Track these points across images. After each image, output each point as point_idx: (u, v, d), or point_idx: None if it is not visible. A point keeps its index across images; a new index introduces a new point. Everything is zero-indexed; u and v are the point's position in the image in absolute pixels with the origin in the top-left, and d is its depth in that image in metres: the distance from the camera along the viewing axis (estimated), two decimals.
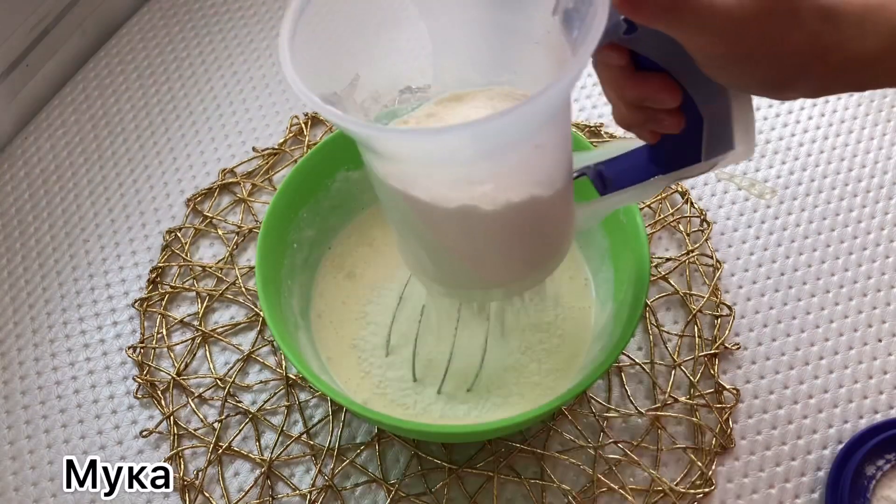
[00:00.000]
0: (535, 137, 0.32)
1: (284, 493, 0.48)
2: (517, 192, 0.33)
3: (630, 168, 0.39)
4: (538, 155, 0.33)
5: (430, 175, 0.33)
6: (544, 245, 0.38)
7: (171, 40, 0.68)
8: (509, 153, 0.32)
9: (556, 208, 0.36)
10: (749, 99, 0.34)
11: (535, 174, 0.34)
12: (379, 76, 0.37)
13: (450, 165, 0.33)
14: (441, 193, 0.33)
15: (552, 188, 0.35)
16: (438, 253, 0.37)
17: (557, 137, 0.34)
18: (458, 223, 0.34)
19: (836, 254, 0.56)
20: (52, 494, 0.48)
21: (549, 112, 0.31)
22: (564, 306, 0.50)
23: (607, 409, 0.50)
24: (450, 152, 0.31)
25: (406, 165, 0.33)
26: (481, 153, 0.31)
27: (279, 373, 0.51)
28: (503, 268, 0.38)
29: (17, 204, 0.60)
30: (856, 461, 0.46)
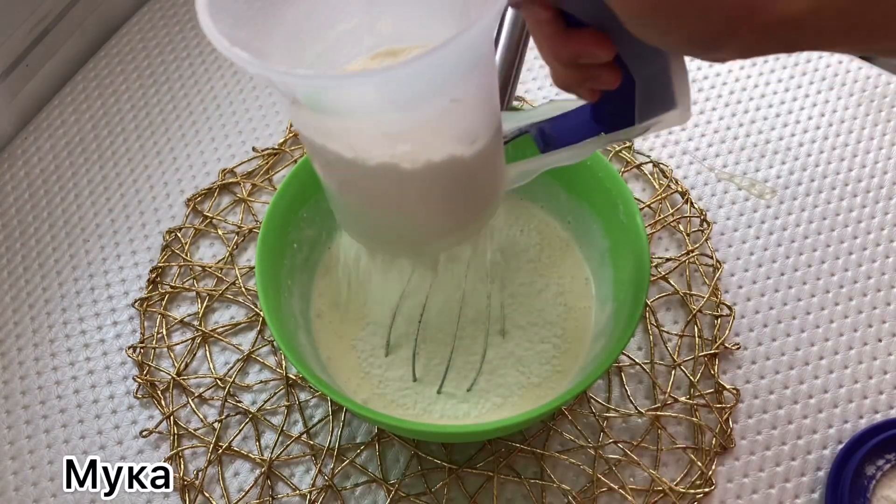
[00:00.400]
0: (452, 91, 0.31)
1: (284, 493, 0.48)
2: (437, 151, 0.33)
3: (573, 127, 0.39)
4: (457, 110, 0.32)
5: (347, 129, 0.33)
6: (469, 202, 0.37)
7: (171, 40, 0.68)
8: (424, 106, 0.31)
9: (479, 167, 0.35)
10: (682, 60, 0.34)
11: (455, 130, 0.33)
12: (309, 24, 0.36)
13: (362, 117, 0.32)
14: (362, 149, 0.33)
15: (474, 146, 0.34)
16: (364, 210, 0.37)
17: (478, 92, 0.33)
18: (379, 180, 0.34)
19: (836, 254, 0.56)
20: (52, 494, 0.48)
21: (464, 64, 0.30)
22: (565, 306, 0.50)
23: (607, 409, 0.50)
24: (359, 102, 0.30)
25: (324, 117, 0.33)
26: (393, 105, 0.31)
27: (279, 373, 0.51)
28: (429, 225, 0.38)
29: (17, 204, 0.60)
30: (856, 461, 0.46)
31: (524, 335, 0.49)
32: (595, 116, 0.38)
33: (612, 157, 0.60)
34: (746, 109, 0.63)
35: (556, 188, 0.52)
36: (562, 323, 0.49)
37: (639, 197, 0.58)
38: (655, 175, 0.59)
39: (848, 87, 0.64)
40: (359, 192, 0.36)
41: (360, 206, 0.37)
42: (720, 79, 0.65)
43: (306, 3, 0.35)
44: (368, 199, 0.36)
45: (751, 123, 0.62)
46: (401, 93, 0.30)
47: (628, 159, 0.60)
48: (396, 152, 0.33)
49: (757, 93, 0.64)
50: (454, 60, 0.28)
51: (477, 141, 0.34)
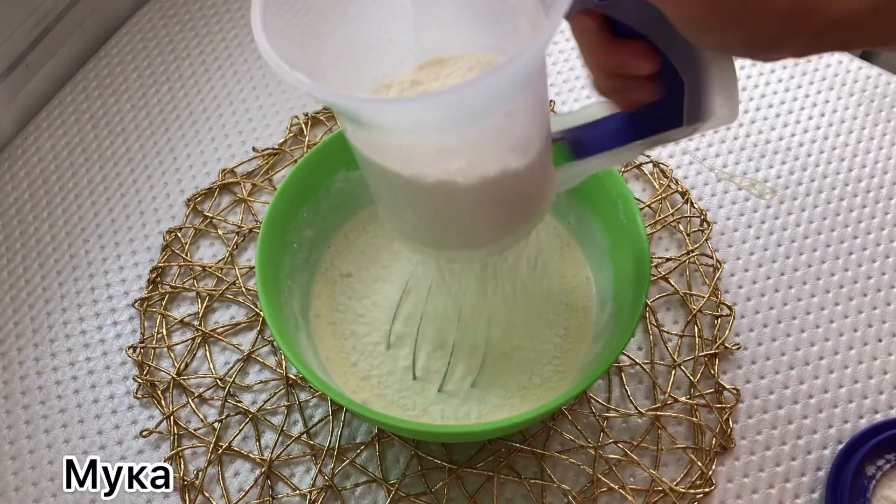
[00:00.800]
0: (506, 105, 0.32)
1: (284, 493, 0.48)
2: (491, 165, 0.34)
3: (608, 133, 0.39)
4: (510, 122, 0.33)
5: (403, 147, 0.34)
6: (522, 209, 0.38)
7: (171, 40, 0.68)
8: (480, 122, 0.32)
9: (531, 176, 0.36)
10: (731, 62, 0.34)
11: (509, 142, 0.34)
12: (357, 36, 0.37)
13: (420, 134, 0.33)
14: (419, 167, 0.33)
15: (526, 156, 0.35)
16: (419, 219, 0.38)
17: (530, 104, 0.34)
18: (435, 196, 0.35)
19: (836, 254, 0.56)
20: (52, 494, 0.48)
21: (519, 80, 0.30)
22: (567, 305, 0.50)
23: (607, 409, 0.50)
24: (417, 121, 0.31)
25: (381, 135, 0.33)
26: (451, 122, 0.31)
27: (279, 373, 0.51)
28: (483, 231, 0.38)
29: (17, 204, 0.60)
30: (856, 461, 0.46)
31: (525, 335, 0.49)
32: (631, 123, 0.38)
33: None
34: (746, 109, 0.63)
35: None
36: (563, 323, 0.49)
37: (639, 197, 0.58)
38: (655, 175, 0.59)
39: (848, 87, 0.64)
40: (414, 204, 0.37)
41: (414, 215, 0.38)
42: None
43: (353, 16, 0.36)
44: (423, 211, 0.37)
45: (751, 123, 0.62)
46: (458, 112, 0.30)
47: None
48: (451, 168, 0.33)
49: (757, 93, 0.64)
50: (510, 79, 0.29)
51: (529, 150, 0.35)
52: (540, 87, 0.34)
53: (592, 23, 0.33)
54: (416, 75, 0.37)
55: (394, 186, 0.36)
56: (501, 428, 0.41)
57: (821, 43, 0.29)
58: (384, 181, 0.36)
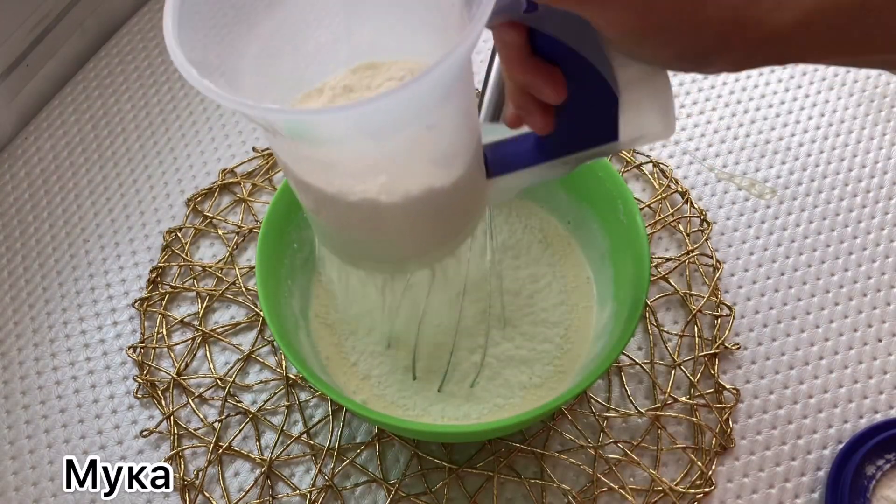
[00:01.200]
0: (427, 118, 0.31)
1: (284, 493, 0.48)
2: (415, 181, 0.33)
3: (525, 151, 0.38)
4: (432, 135, 0.32)
5: (325, 161, 0.33)
6: (450, 222, 0.37)
7: None
8: (398, 135, 0.31)
9: (459, 192, 0.35)
10: (665, 76, 0.33)
11: (430, 155, 0.33)
12: (285, 37, 0.35)
13: (337, 145, 0.32)
14: (342, 184, 0.33)
15: (452, 171, 0.34)
16: (345, 233, 0.37)
17: (453, 117, 0.32)
18: (361, 213, 0.34)
19: (836, 254, 0.56)
20: (53, 494, 0.48)
21: (438, 92, 0.29)
22: (568, 306, 0.50)
23: (607, 409, 0.50)
24: (331, 133, 0.30)
25: (299, 146, 0.32)
26: (367, 134, 0.30)
27: (279, 373, 0.51)
28: (409, 245, 0.38)
29: (17, 204, 0.60)
30: (856, 461, 0.46)
31: (526, 336, 0.49)
32: (539, 143, 0.37)
33: (612, 157, 0.60)
34: (746, 109, 0.63)
35: (555, 188, 0.52)
36: (564, 323, 0.49)
37: (639, 197, 0.58)
38: (655, 175, 0.59)
39: (848, 87, 0.64)
40: (340, 221, 0.36)
41: (340, 230, 0.37)
42: (720, 79, 0.65)
43: (280, 15, 0.34)
44: (349, 227, 0.36)
45: (751, 123, 0.62)
46: (374, 124, 0.29)
47: (628, 159, 0.60)
48: (376, 184, 0.32)
49: (757, 93, 0.64)
50: (429, 90, 0.28)
51: (455, 164, 0.34)
52: (464, 99, 0.33)
53: (516, 36, 0.32)
54: (348, 80, 0.36)
55: (321, 205, 0.35)
56: (501, 428, 0.41)
57: (756, 56, 0.29)
58: (311, 198, 0.35)
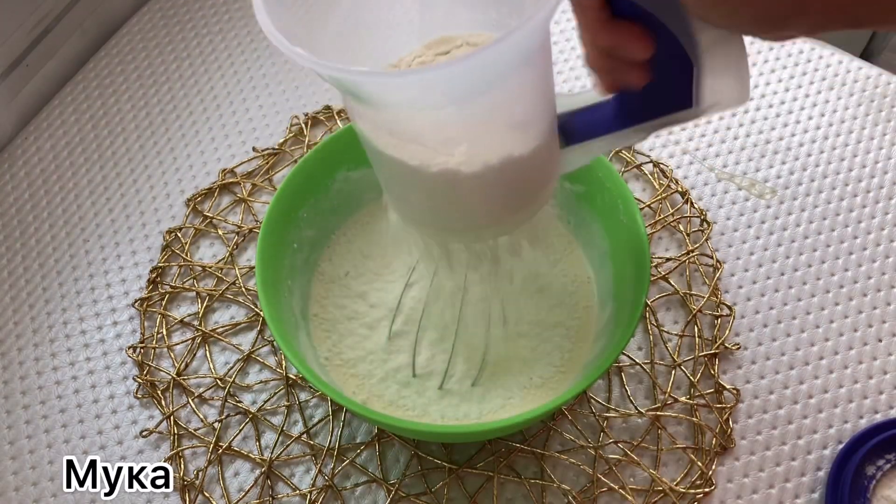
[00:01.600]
0: (506, 83, 0.31)
1: (284, 493, 0.48)
2: (494, 148, 0.33)
3: (603, 118, 0.38)
4: (511, 101, 0.32)
5: (407, 130, 0.33)
6: (526, 191, 0.38)
7: (171, 40, 0.68)
8: (478, 99, 0.31)
9: (535, 157, 0.36)
10: (741, 42, 0.33)
11: (509, 120, 0.33)
12: (361, 15, 0.36)
13: (419, 111, 0.32)
14: (423, 158, 0.33)
15: (529, 137, 0.34)
16: (423, 203, 0.38)
17: (533, 83, 0.33)
18: (440, 184, 0.35)
19: (836, 254, 0.56)
20: (53, 494, 0.48)
21: (517, 57, 0.30)
22: (569, 306, 0.50)
23: (607, 409, 0.50)
24: (414, 97, 0.30)
25: (382, 113, 0.33)
26: (449, 98, 0.31)
27: (279, 373, 0.51)
28: (486, 214, 0.38)
29: (17, 204, 0.60)
30: (856, 461, 0.46)
31: (527, 336, 0.49)
32: (630, 107, 0.37)
33: (613, 157, 0.60)
34: (746, 109, 0.63)
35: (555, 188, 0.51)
36: (565, 323, 0.49)
37: (639, 197, 0.58)
38: (655, 175, 0.59)
39: (848, 87, 0.64)
40: (420, 191, 0.37)
41: (419, 200, 0.38)
42: None
43: None
44: (429, 197, 0.37)
45: (751, 123, 0.62)
46: (455, 88, 0.30)
47: (628, 159, 0.60)
48: (456, 155, 0.33)
49: (757, 93, 0.64)
50: (507, 55, 0.28)
51: (531, 130, 0.34)
52: (541, 66, 0.33)
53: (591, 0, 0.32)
54: (422, 54, 0.37)
55: (400, 175, 0.36)
56: (501, 428, 0.41)
57: (833, 19, 0.28)
58: (391, 170, 0.36)
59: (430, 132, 0.33)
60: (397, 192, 0.39)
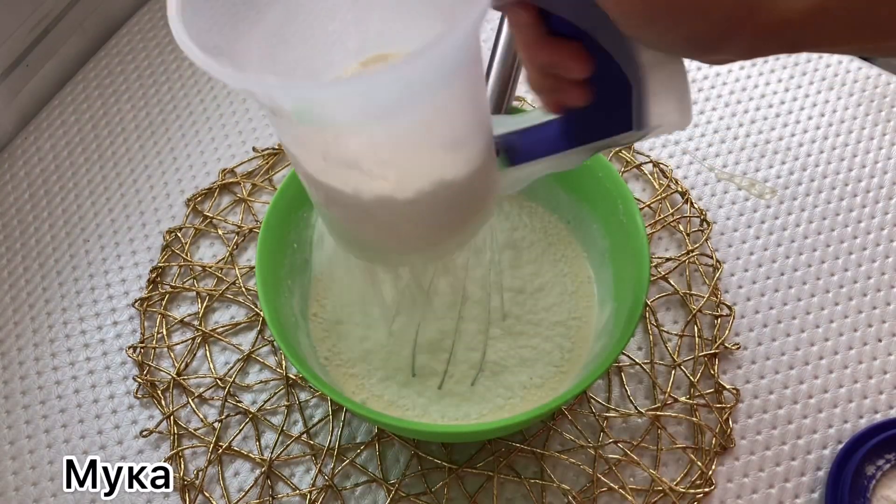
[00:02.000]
0: (433, 97, 0.30)
1: (284, 493, 0.48)
2: (427, 173, 0.32)
3: (545, 139, 0.38)
4: (441, 119, 0.31)
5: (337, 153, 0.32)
6: (464, 215, 0.37)
7: (171, 40, 0.68)
8: (405, 115, 0.30)
9: (472, 182, 0.35)
10: (681, 64, 0.33)
11: (441, 140, 0.32)
12: (292, 27, 0.35)
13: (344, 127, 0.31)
14: (359, 183, 0.32)
15: (463, 161, 0.33)
16: (357, 229, 0.37)
17: (462, 99, 0.32)
18: (377, 210, 0.34)
19: (836, 254, 0.56)
20: (52, 494, 0.48)
21: (444, 69, 0.28)
22: (569, 306, 0.50)
23: (607, 409, 0.50)
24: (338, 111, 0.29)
25: (305, 130, 0.31)
26: (372, 115, 0.30)
27: (279, 373, 0.51)
28: (421, 238, 0.37)
29: (17, 204, 0.60)
30: (856, 461, 0.46)
31: (527, 335, 0.49)
32: (571, 129, 0.37)
33: (612, 157, 0.60)
34: (746, 109, 0.63)
35: (556, 188, 0.52)
36: (566, 323, 0.49)
37: (639, 197, 0.58)
38: (655, 175, 0.59)
39: (848, 87, 0.64)
40: (353, 217, 0.35)
41: (352, 226, 0.37)
42: (720, 79, 0.65)
43: (286, 7, 0.34)
44: (362, 222, 0.36)
45: (751, 123, 0.62)
46: (380, 101, 0.29)
47: (628, 159, 0.60)
48: (389, 179, 0.32)
49: (757, 93, 0.64)
50: (433, 65, 0.27)
51: (466, 151, 0.33)
52: (472, 82, 0.32)
53: (527, 16, 0.31)
54: (356, 70, 0.36)
55: (333, 200, 0.35)
56: (501, 428, 0.41)
57: (768, 44, 0.28)
58: (325, 197, 0.35)
59: (362, 155, 0.32)
60: (326, 215, 0.37)
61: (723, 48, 0.29)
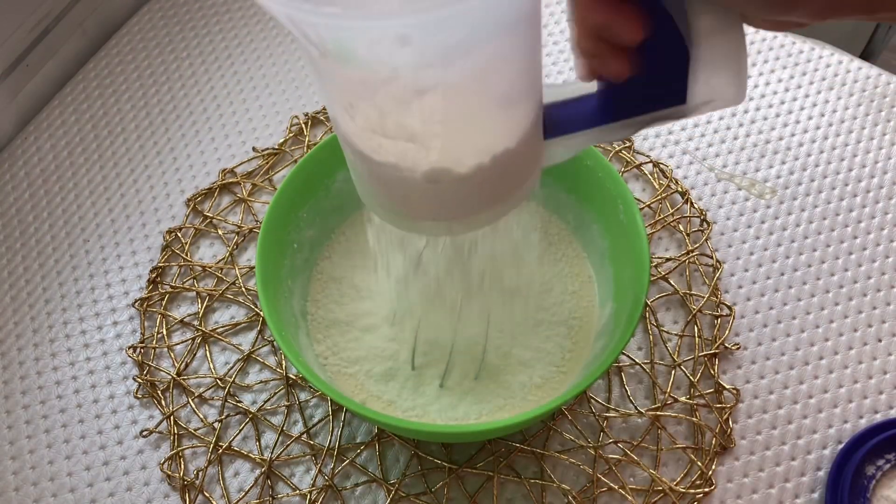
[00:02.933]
0: (490, 46, 0.28)
1: (284, 493, 0.48)
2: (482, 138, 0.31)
3: (587, 112, 0.36)
4: (500, 70, 0.30)
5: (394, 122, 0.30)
6: (508, 184, 0.35)
7: (171, 40, 0.68)
8: (461, 61, 0.28)
9: (520, 149, 0.33)
10: (741, 34, 0.31)
11: (498, 91, 0.31)
12: None
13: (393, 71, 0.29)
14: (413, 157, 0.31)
15: (518, 123, 0.32)
16: (401, 200, 0.35)
17: (521, 51, 0.30)
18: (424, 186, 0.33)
19: (836, 254, 0.56)
20: (53, 494, 0.48)
21: (507, 14, 0.27)
22: (569, 306, 0.50)
23: (607, 409, 0.50)
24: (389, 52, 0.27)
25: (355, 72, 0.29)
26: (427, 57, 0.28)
27: (279, 373, 0.51)
28: (467, 208, 0.35)
29: (17, 204, 0.60)
30: (856, 461, 0.46)
31: (527, 335, 0.49)
32: (606, 102, 0.35)
33: (612, 157, 0.60)
34: (746, 109, 0.63)
35: (556, 188, 0.52)
36: (567, 322, 0.49)
37: (639, 197, 0.58)
38: (655, 175, 0.59)
39: (848, 87, 0.64)
40: (400, 192, 0.34)
41: (399, 197, 0.35)
42: None
43: None
44: (408, 196, 0.34)
45: (751, 123, 0.62)
46: (434, 41, 0.27)
47: (628, 159, 0.60)
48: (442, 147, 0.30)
49: (757, 93, 0.64)
50: (496, 6, 0.26)
51: (519, 110, 0.31)
52: (531, 36, 0.30)
53: None
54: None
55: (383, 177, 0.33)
56: (501, 428, 0.41)
57: (845, 3, 0.26)
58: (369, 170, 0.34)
59: (419, 120, 0.30)
60: (368, 187, 0.36)
61: (796, 6, 0.27)
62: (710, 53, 0.31)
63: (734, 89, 0.31)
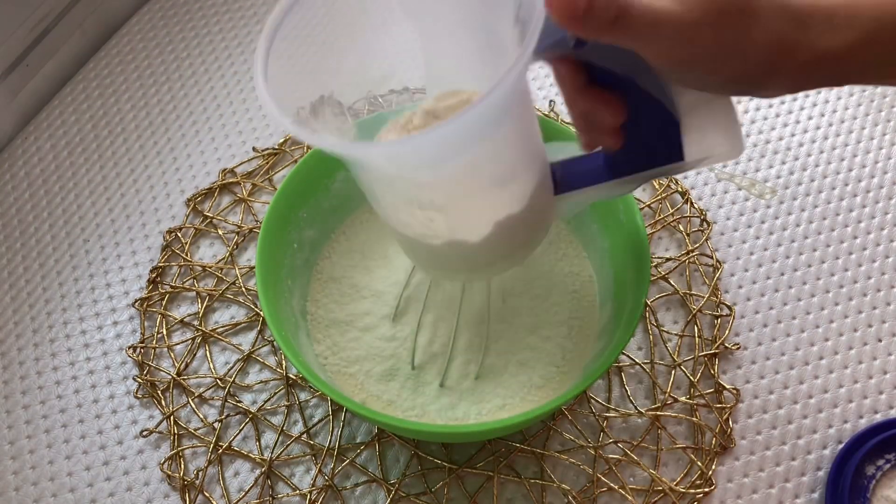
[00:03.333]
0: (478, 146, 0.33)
1: (284, 493, 0.48)
2: (486, 211, 0.36)
3: (584, 172, 0.40)
4: (489, 158, 0.34)
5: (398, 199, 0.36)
6: (526, 240, 0.40)
7: (171, 40, 0.68)
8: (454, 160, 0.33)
9: (529, 213, 0.37)
10: (726, 99, 0.33)
11: (489, 176, 0.35)
12: (368, 75, 0.39)
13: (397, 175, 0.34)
14: (424, 232, 0.37)
15: (518, 196, 0.36)
16: (427, 257, 0.41)
17: (510, 136, 0.34)
18: (447, 251, 0.38)
19: (836, 254, 0.56)
20: (53, 494, 0.48)
21: (489, 120, 0.31)
22: (570, 306, 0.50)
23: (607, 409, 0.50)
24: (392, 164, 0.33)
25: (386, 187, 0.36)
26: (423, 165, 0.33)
27: (279, 373, 0.51)
28: (486, 263, 0.40)
29: (17, 204, 0.60)
30: (856, 461, 0.46)
31: (529, 336, 0.49)
32: (608, 162, 0.39)
33: None
34: (746, 109, 0.63)
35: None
36: (567, 322, 0.49)
37: (639, 197, 0.58)
38: None
39: (848, 88, 0.64)
40: (424, 253, 0.40)
41: (424, 255, 0.40)
42: None
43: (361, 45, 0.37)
44: (432, 256, 0.40)
45: (751, 123, 0.62)
46: (428, 156, 0.32)
47: None
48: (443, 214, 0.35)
49: None
50: (474, 125, 0.29)
51: (519, 185, 0.36)
52: (519, 122, 0.34)
53: (570, 70, 0.34)
54: (434, 105, 0.38)
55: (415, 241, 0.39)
56: (501, 428, 0.41)
57: (812, 78, 0.29)
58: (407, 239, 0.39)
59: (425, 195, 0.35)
60: (402, 244, 0.42)
61: (767, 85, 0.29)
62: (698, 121, 0.34)
63: (728, 147, 0.34)
